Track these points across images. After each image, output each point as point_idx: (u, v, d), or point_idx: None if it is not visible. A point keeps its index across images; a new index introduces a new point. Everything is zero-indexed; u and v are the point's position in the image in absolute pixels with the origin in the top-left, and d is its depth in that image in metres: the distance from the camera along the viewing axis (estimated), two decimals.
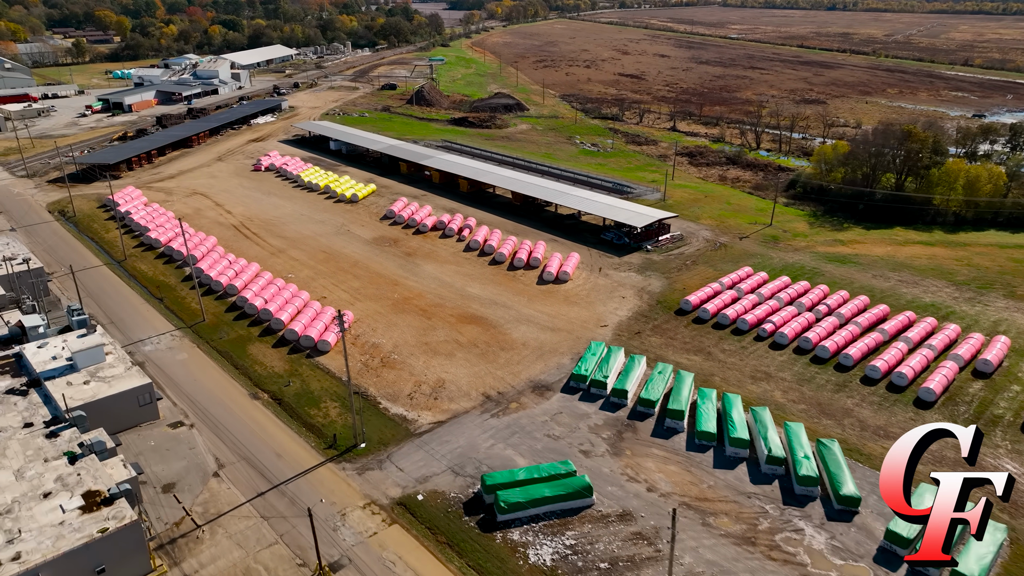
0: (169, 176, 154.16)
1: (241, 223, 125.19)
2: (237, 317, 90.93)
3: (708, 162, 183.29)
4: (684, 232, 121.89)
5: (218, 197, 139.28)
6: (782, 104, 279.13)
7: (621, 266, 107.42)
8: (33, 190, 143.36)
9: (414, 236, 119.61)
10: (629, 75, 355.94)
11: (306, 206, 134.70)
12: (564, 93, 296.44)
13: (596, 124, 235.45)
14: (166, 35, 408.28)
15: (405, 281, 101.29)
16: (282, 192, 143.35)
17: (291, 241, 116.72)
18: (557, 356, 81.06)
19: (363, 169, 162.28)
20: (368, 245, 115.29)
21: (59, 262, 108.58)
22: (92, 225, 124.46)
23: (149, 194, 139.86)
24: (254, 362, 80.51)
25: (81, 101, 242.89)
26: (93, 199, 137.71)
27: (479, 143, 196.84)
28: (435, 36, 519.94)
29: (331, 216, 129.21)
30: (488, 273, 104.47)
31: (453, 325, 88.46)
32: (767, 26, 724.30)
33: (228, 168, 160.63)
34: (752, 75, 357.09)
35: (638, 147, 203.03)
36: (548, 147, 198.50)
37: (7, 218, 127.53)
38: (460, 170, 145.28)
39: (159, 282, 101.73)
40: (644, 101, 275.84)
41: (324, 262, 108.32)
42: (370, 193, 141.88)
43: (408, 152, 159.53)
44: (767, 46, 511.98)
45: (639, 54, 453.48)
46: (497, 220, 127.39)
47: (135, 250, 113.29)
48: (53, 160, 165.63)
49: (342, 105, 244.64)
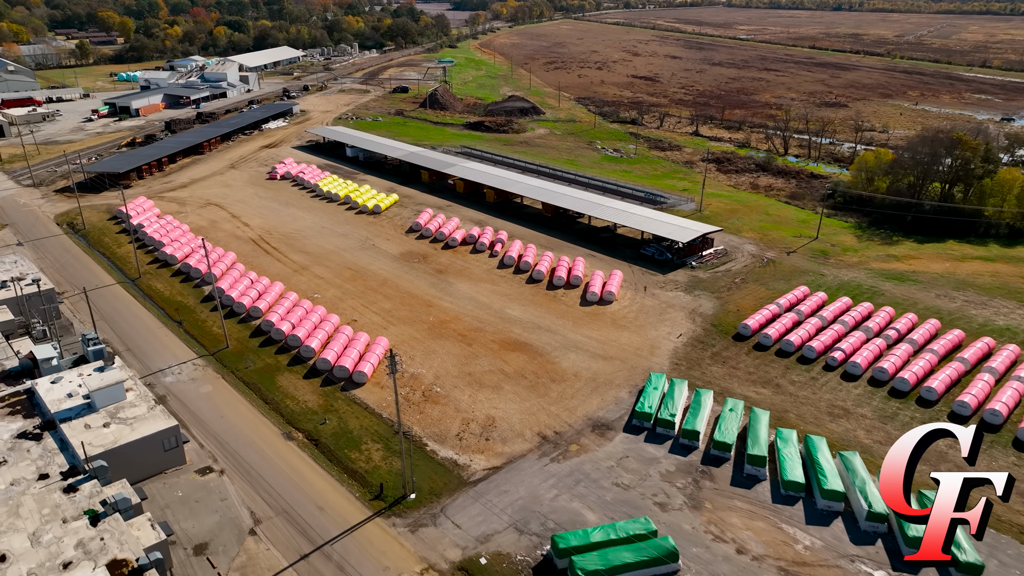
0: (181, 185, 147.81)
1: (260, 237, 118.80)
2: (263, 343, 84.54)
3: (737, 169, 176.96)
4: (727, 246, 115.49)
5: (234, 208, 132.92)
6: (802, 107, 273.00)
7: (667, 284, 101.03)
8: (40, 200, 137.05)
9: (443, 251, 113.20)
10: (642, 77, 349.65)
11: (327, 218, 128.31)
12: (579, 96, 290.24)
13: (616, 128, 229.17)
14: (170, 36, 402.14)
15: (439, 302, 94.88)
16: (300, 202, 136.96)
17: (314, 257, 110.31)
18: (614, 389, 74.66)
19: (382, 177, 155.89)
20: (396, 261, 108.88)
21: (70, 280, 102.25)
22: (103, 239, 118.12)
23: (161, 204, 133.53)
24: (285, 395, 74.12)
25: (86, 105, 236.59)
26: (103, 210, 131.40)
27: (498, 149, 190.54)
28: (442, 37, 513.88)
29: (354, 229, 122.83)
30: (527, 293, 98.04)
31: (496, 352, 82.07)
32: (775, 27, 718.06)
33: (242, 176, 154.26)
34: (767, 77, 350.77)
35: (662, 153, 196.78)
36: (569, 153, 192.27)
37: (14, 231, 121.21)
38: (486, 179, 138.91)
39: (177, 303, 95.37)
40: (662, 104, 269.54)
41: (351, 280, 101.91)
42: (392, 204, 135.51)
43: (430, 160, 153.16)
44: (778, 47, 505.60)
45: (650, 55, 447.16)
46: (528, 233, 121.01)
47: (149, 267, 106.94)
48: (60, 168, 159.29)
49: (354, 109, 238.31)
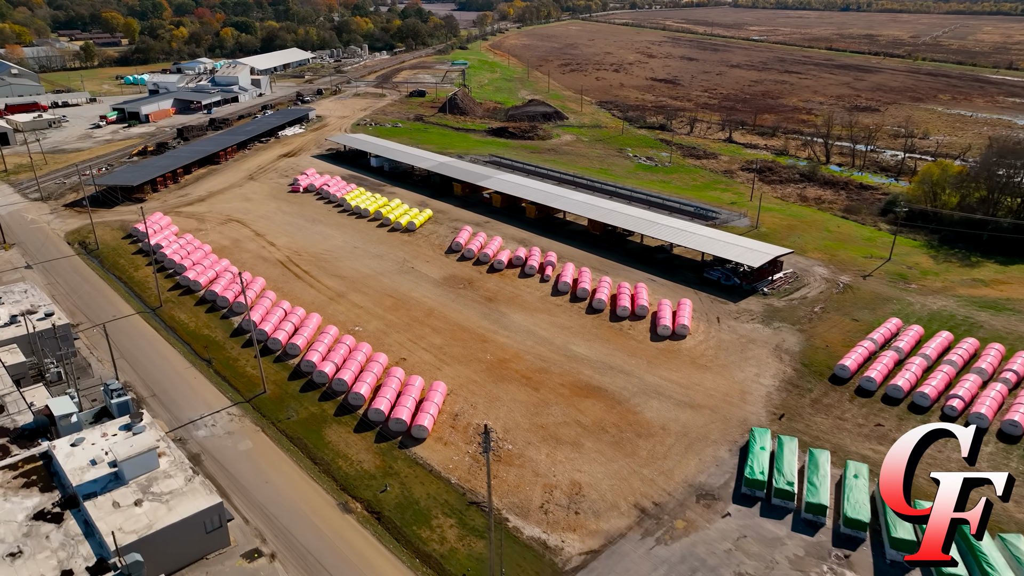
0: (198, 199, 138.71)
1: (288, 258, 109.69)
2: (304, 387, 75.44)
3: (781, 179, 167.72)
4: (794, 268, 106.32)
5: (257, 225, 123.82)
6: (832, 112, 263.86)
7: (741, 315, 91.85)
8: (49, 216, 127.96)
9: (489, 275, 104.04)
10: (662, 80, 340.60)
11: (358, 236, 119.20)
12: (601, 100, 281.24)
13: (644, 135, 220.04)
14: (176, 38, 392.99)
15: (494, 336, 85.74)
16: (327, 218, 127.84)
17: (350, 282, 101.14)
18: (711, 446, 65.52)
19: (411, 189, 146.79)
20: (439, 287, 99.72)
21: (85, 310, 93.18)
22: (118, 261, 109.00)
23: (179, 221, 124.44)
24: (336, 454, 65.00)
25: (93, 110, 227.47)
26: (117, 227, 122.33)
27: (526, 157, 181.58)
28: (452, 38, 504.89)
29: (389, 249, 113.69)
30: (589, 325, 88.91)
31: (568, 399, 72.95)
32: (786, 27, 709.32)
33: (263, 189, 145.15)
34: (790, 80, 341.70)
35: (697, 161, 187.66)
36: (600, 161, 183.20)
37: (22, 251, 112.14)
38: (525, 193, 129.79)
39: (204, 337, 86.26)
40: (687, 109, 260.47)
41: (393, 310, 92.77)
42: (427, 220, 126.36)
43: (462, 171, 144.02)
44: (794, 49, 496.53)
45: (664, 57, 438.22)
46: (577, 254, 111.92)
47: (171, 293, 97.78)
48: (69, 179, 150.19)
49: (372, 114, 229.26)
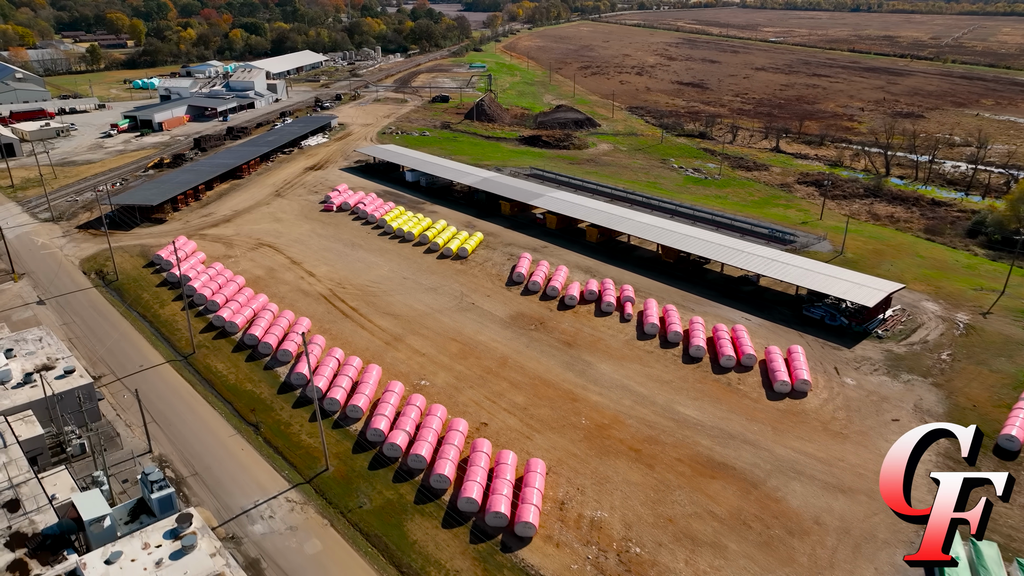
0: (224, 219, 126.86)
1: (331, 291, 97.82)
2: (373, 463, 63.55)
3: (845, 194, 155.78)
4: (901, 303, 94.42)
5: (291, 251, 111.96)
6: (875, 118, 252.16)
7: (861, 364, 79.95)
8: (61, 240, 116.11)
9: (561, 312, 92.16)
10: (688, 83, 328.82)
11: (405, 264, 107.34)
12: (631, 105, 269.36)
13: (684, 143, 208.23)
14: (184, 39, 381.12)
15: (585, 394, 73.89)
16: (368, 243, 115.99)
17: (405, 322, 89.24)
18: (883, 549, 53.64)
19: (453, 207, 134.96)
20: (508, 328, 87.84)
21: (106, 357, 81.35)
22: (141, 295, 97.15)
23: (204, 246, 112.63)
24: (426, 560, 53.13)
25: (102, 117, 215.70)
26: (136, 253, 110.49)
27: (565, 168, 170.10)
28: (465, 40, 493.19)
29: (442, 280, 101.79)
30: (691, 379, 77.03)
31: (691, 480, 61.10)
32: (801, 29, 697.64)
33: (292, 207, 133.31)
34: (821, 83, 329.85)
35: (748, 173, 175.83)
36: (646, 173, 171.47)
37: (32, 283, 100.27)
38: (584, 214, 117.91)
39: (247, 394, 74.42)
40: (723, 115, 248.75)
41: (461, 358, 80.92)
42: (478, 245, 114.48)
43: (510, 188, 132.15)
44: (816, 51, 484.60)
45: (685, 59, 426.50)
46: (653, 286, 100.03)
47: (203, 336, 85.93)
48: (81, 196, 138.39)
49: (396, 121, 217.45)
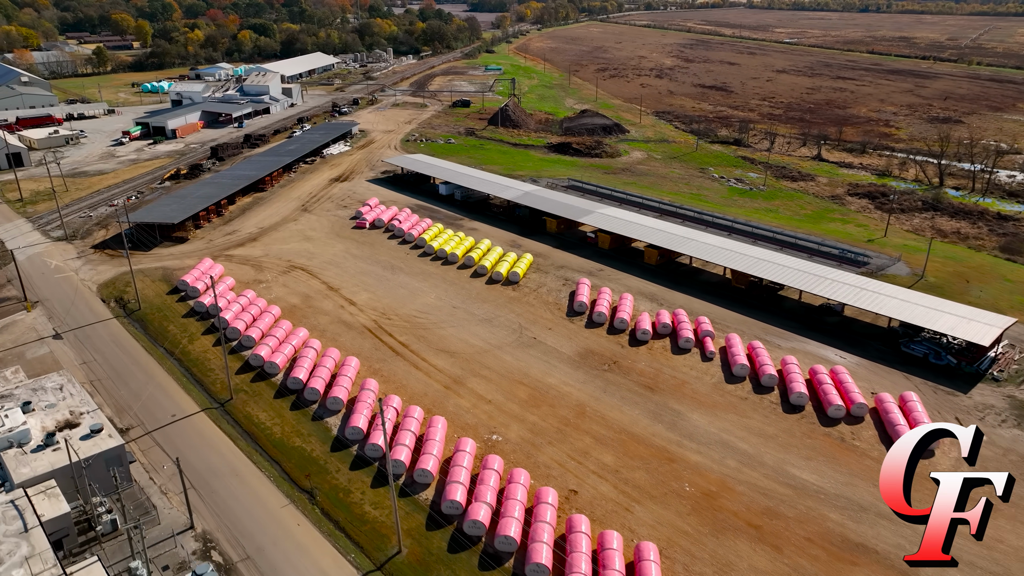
0: (250, 237, 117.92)
1: (376, 323, 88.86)
2: (453, 543, 54.57)
3: (902, 207, 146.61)
4: (1007, 337, 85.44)
5: (326, 275, 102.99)
6: (912, 123, 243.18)
7: (985, 413, 70.88)
8: (76, 262, 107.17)
9: (634, 349, 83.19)
10: (711, 87, 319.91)
11: (452, 291, 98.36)
12: (657, 110, 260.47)
13: (720, 151, 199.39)
14: (192, 41, 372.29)
15: (681, 452, 64.91)
16: (408, 265, 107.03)
17: (463, 360, 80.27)
18: None
19: (494, 224, 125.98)
20: (579, 369, 78.85)
21: (133, 403, 72.46)
22: (167, 327, 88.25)
23: (232, 269, 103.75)
24: None
25: (112, 123, 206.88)
26: (158, 277, 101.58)
27: (600, 178, 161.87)
28: (476, 41, 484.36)
29: (495, 309, 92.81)
30: (798, 432, 67.99)
31: (828, 566, 52.09)
32: (814, 30, 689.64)
33: (322, 224, 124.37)
34: (847, 86, 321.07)
35: (793, 184, 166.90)
36: (686, 184, 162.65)
37: (47, 312, 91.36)
38: (641, 234, 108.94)
39: (296, 452, 65.45)
40: (753, 120, 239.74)
41: (532, 405, 71.95)
42: (528, 267, 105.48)
43: (555, 204, 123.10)
44: (835, 52, 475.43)
45: (703, 61, 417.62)
46: (729, 316, 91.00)
47: (240, 377, 76.96)
48: (95, 212, 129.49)
49: (418, 128, 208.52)
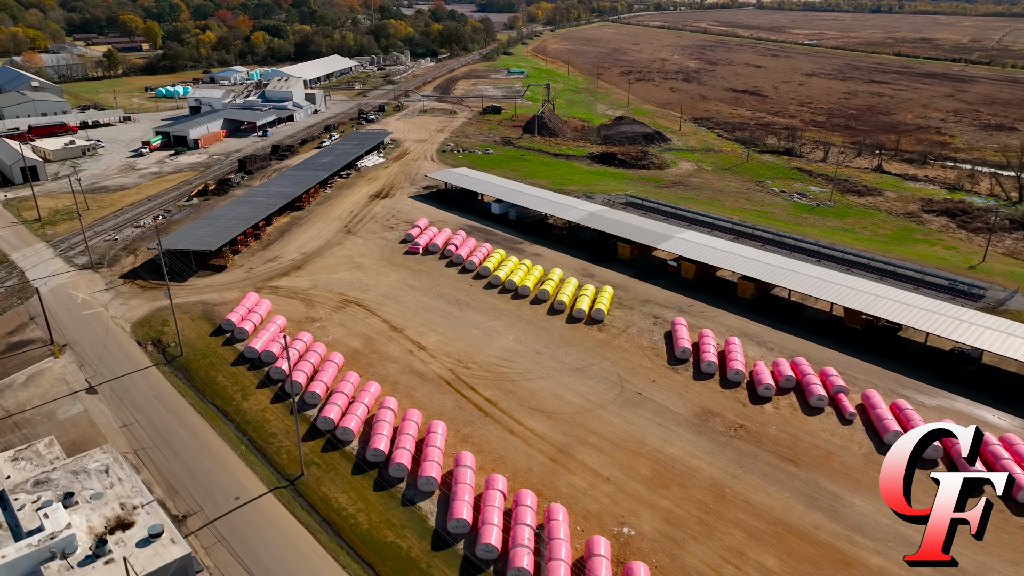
0: (293, 264, 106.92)
1: (453, 373, 77.87)
2: None
3: (988, 226, 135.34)
4: None
5: (386, 311, 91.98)
6: (964, 130, 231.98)
7: None
8: (105, 295, 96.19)
9: (757, 407, 72.13)
10: (743, 91, 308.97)
11: (530, 331, 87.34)
12: (694, 116, 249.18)
13: (772, 162, 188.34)
14: (203, 43, 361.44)
15: (856, 551, 53.77)
16: (475, 298, 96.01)
17: (563, 423, 69.21)
18: None
19: (556, 248, 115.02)
20: (702, 435, 67.75)
21: (187, 482, 61.44)
22: (215, 377, 77.31)
23: (280, 304, 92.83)
24: None
25: (129, 131, 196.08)
26: (198, 314, 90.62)
27: (653, 192, 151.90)
28: (492, 42, 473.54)
29: (585, 355, 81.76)
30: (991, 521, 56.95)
31: None
32: (831, 31, 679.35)
33: (370, 249, 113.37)
34: (883, 91, 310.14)
35: (860, 199, 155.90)
36: (746, 199, 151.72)
37: (77, 359, 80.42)
38: (733, 263, 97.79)
39: (391, 551, 54.36)
40: (796, 127, 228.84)
41: (659, 485, 60.90)
42: (611, 302, 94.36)
43: (628, 227, 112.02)
44: (860, 55, 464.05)
45: (727, 64, 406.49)
46: (848, 363, 79.88)
47: (308, 445, 65.93)
48: (120, 233, 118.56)
49: (452, 137, 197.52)
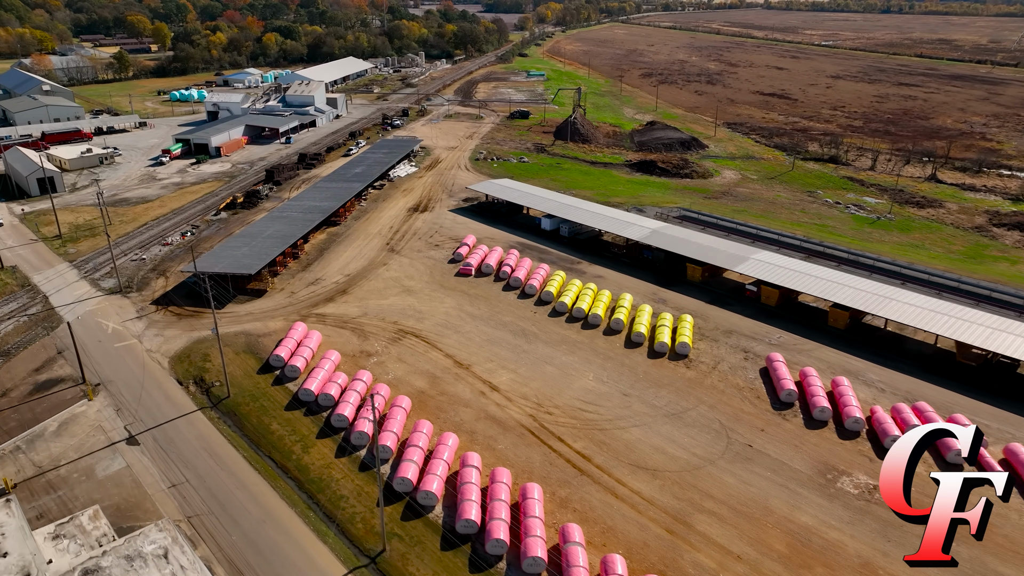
0: (337, 289, 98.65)
1: (534, 419, 69.58)
2: None
3: None
4: None
5: (447, 344, 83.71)
6: (1011, 136, 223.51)
7: None
8: (137, 324, 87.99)
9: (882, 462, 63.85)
10: (771, 94, 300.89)
11: (610, 367, 78.98)
12: (725, 121, 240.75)
13: (818, 170, 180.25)
14: (214, 44, 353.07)
15: None
16: (542, 328, 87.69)
17: (670, 483, 60.83)
18: None
19: (617, 269, 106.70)
20: (834, 500, 59.22)
21: (250, 557, 53.23)
22: (268, 425, 69.10)
23: (330, 335, 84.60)
24: None
25: (145, 137, 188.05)
26: (241, 346, 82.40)
27: (701, 204, 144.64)
28: (505, 43, 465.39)
29: (677, 397, 73.41)
30: None
31: None
32: (845, 32, 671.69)
33: (418, 270, 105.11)
34: (915, 94, 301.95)
35: (920, 211, 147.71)
36: (801, 211, 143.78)
37: (114, 402, 72.20)
38: (818, 288, 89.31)
39: None
40: (834, 132, 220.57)
41: (801, 567, 52.41)
42: (692, 332, 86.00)
43: (696, 247, 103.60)
44: (882, 56, 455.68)
45: (748, 66, 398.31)
46: (980, 409, 71.55)
47: (387, 512, 57.60)
48: (147, 251, 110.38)
49: (482, 143, 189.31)
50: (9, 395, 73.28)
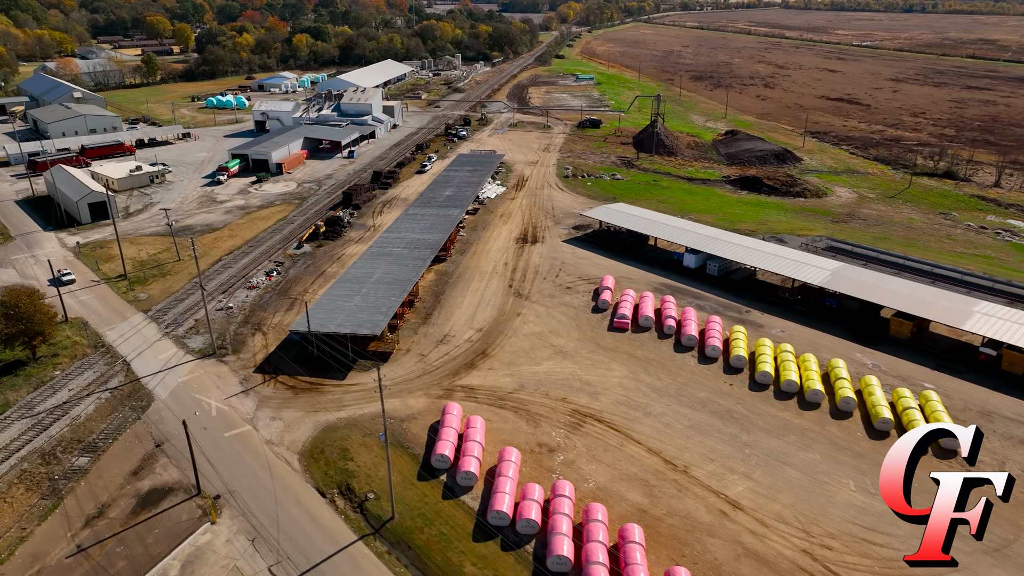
0: (472, 349, 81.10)
1: (810, 557, 52.02)
2: None
3: None
4: None
5: (642, 432, 66.31)
6: None
7: None
8: (245, 401, 70.64)
9: None
10: (839, 99, 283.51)
11: (866, 467, 61.54)
12: (808, 130, 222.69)
13: (936, 186, 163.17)
14: (241, 46, 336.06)
15: None
16: (750, 408, 70.18)
17: None
18: None
19: (795, 320, 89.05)
20: None
21: None
22: (461, 565, 51.74)
23: (488, 418, 67.34)
24: None
25: (192, 150, 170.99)
26: (368, 431, 65.13)
27: (830, 229, 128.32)
28: (536, 44, 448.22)
29: (993, 523, 56.16)
30: None
31: None
32: (876, 32, 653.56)
33: (559, 321, 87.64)
34: (991, 98, 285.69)
35: None
36: (947, 237, 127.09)
37: (242, 525, 54.88)
38: None
39: None
40: (929, 143, 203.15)
41: None
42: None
43: (899, 296, 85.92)
44: (932, 57, 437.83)
45: (797, 68, 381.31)
46: None
47: None
48: (233, 299, 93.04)
49: (564, 157, 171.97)
50: (108, 514, 56.12)
